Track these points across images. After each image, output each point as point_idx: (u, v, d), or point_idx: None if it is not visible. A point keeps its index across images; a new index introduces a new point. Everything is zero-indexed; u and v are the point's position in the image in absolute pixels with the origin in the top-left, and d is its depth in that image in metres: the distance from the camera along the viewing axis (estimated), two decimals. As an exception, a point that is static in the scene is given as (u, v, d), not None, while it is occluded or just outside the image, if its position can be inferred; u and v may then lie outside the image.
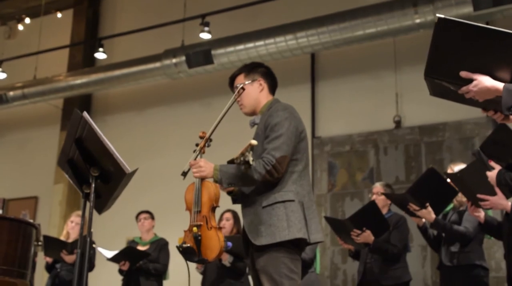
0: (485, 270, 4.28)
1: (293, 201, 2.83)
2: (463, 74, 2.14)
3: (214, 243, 2.95)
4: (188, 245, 2.96)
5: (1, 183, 8.99)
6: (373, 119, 6.77)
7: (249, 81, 3.11)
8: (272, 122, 2.91)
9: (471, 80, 2.13)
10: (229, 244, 3.03)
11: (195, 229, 2.97)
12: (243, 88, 3.08)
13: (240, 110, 3.18)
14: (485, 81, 2.11)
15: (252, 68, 3.16)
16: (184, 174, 3.01)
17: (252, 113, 3.14)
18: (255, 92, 3.10)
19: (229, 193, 3.05)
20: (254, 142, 2.66)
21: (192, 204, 3.06)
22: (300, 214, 2.82)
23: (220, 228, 3.02)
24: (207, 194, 3.05)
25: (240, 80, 3.14)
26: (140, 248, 5.71)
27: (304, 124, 3.04)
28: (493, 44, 2.06)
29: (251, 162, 2.60)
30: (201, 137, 3.16)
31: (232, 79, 3.20)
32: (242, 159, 2.61)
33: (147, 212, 5.88)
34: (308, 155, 3.07)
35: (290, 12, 7.22)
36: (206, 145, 3.12)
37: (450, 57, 2.14)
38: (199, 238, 2.95)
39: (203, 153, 3.11)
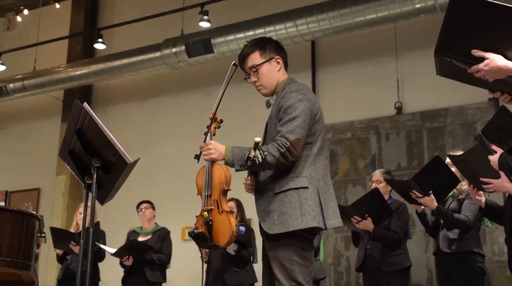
0: (482, 256, 4.33)
1: (306, 188, 2.72)
2: (475, 52, 2.08)
3: (226, 228, 2.83)
4: (200, 230, 2.86)
5: (3, 176, 9.01)
6: (374, 106, 6.75)
7: (267, 60, 2.94)
8: (285, 104, 2.78)
9: (482, 59, 2.08)
10: (242, 228, 2.89)
11: (205, 214, 2.86)
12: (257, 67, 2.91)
13: (258, 91, 3.02)
14: (497, 60, 2.06)
15: (266, 45, 2.96)
16: (197, 157, 2.91)
17: (271, 94, 2.99)
18: (274, 71, 2.94)
19: None
20: (258, 139, 2.63)
21: (202, 188, 2.95)
22: (314, 200, 2.71)
23: (232, 212, 2.89)
24: (218, 177, 2.92)
25: (256, 59, 2.95)
26: (141, 238, 5.71)
27: (319, 105, 2.92)
28: (509, 23, 2.01)
29: (258, 159, 2.57)
30: (211, 119, 3.05)
31: (244, 58, 2.99)
32: (248, 154, 2.58)
33: (148, 201, 5.86)
34: (324, 136, 2.93)
35: (290, -1, 7.18)
36: (216, 126, 3.01)
37: (462, 34, 2.08)
38: (210, 223, 2.84)
39: (214, 134, 2.99)
